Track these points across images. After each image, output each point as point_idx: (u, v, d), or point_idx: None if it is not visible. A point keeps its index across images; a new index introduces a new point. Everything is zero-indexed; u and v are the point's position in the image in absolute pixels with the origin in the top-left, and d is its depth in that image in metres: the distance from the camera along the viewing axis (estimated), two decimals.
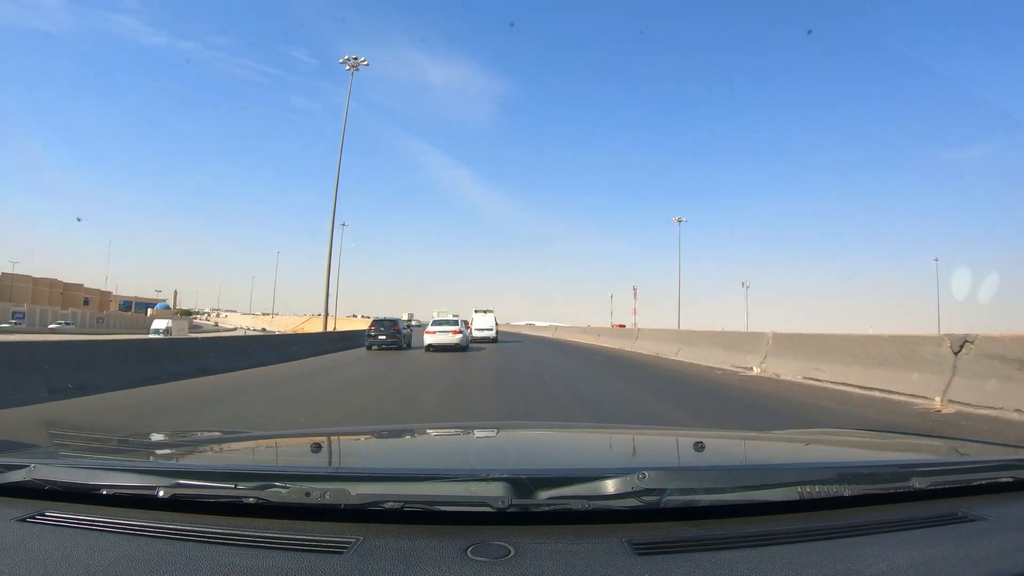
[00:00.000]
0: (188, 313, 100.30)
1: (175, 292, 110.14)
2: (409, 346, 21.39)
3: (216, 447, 1.79)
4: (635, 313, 63.92)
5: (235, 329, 70.63)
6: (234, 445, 1.80)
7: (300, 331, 28.96)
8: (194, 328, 65.29)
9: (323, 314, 26.27)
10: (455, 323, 20.55)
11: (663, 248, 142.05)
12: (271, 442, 1.91)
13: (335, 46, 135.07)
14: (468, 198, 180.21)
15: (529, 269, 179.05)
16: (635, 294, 66.66)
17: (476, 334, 26.05)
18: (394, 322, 21.15)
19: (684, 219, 54.36)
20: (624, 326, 59.19)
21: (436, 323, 20.86)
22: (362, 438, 2.10)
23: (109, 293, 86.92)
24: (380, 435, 2.24)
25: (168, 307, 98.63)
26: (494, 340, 26.38)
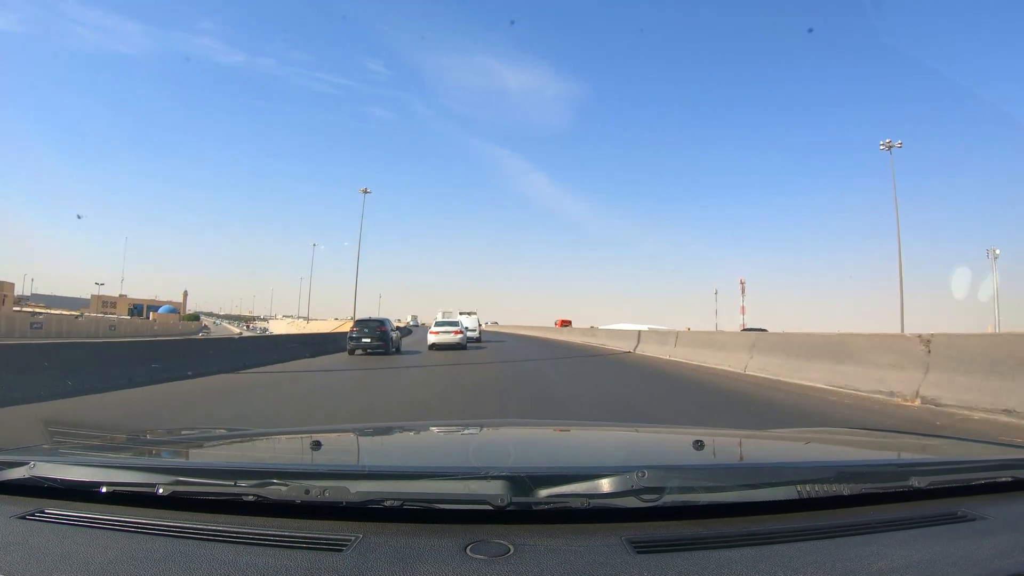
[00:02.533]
0: (196, 317, 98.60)
1: (184, 293, 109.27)
2: (399, 351, 19.01)
3: (216, 444, 1.79)
4: (743, 312, 53.26)
5: (239, 333, 69.49)
6: (234, 442, 1.80)
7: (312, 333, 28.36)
8: (198, 332, 64.03)
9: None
10: (456, 324, 21.74)
11: (763, 246, 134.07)
12: (271, 439, 1.91)
13: (410, 57, 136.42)
14: (544, 201, 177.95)
15: (616, 271, 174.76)
16: (743, 289, 55.05)
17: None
18: (380, 323, 18.57)
19: (899, 143, 31.58)
20: (570, 322, 53.15)
21: (439, 324, 21.79)
22: (362, 436, 2.10)
23: (9, 285, 62.81)
24: (379, 432, 2.24)
25: (176, 311, 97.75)
26: (477, 340, 27.87)
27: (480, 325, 30.69)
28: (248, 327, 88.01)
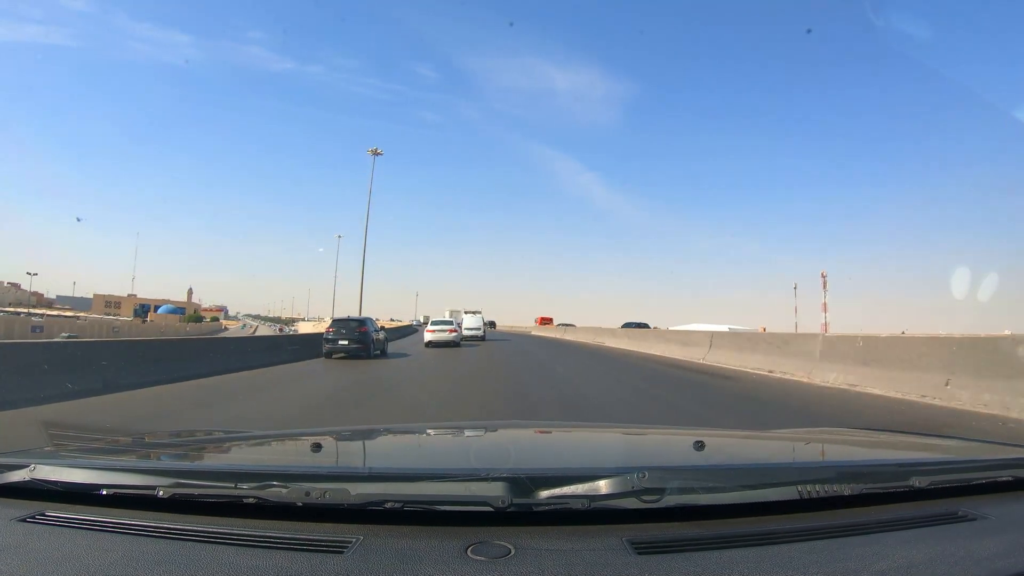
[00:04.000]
0: (198, 319, 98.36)
1: (190, 290, 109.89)
2: (384, 353, 16.86)
3: (216, 447, 1.79)
4: (825, 310, 45.63)
5: (252, 332, 68.26)
6: (234, 445, 1.80)
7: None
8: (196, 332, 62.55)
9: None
10: (451, 323, 23.29)
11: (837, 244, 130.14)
12: (271, 442, 1.91)
13: (458, 60, 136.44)
14: (596, 202, 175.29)
15: (675, 271, 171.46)
16: (824, 284, 46.42)
17: (466, 332, 28.76)
18: (361, 323, 16.43)
19: None
20: (551, 320, 51.78)
21: (435, 323, 23.38)
22: (362, 438, 2.10)
23: None
24: (380, 435, 2.24)
25: (183, 310, 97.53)
26: (482, 338, 28.95)
27: (483, 324, 31.63)
28: (281, 329, 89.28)
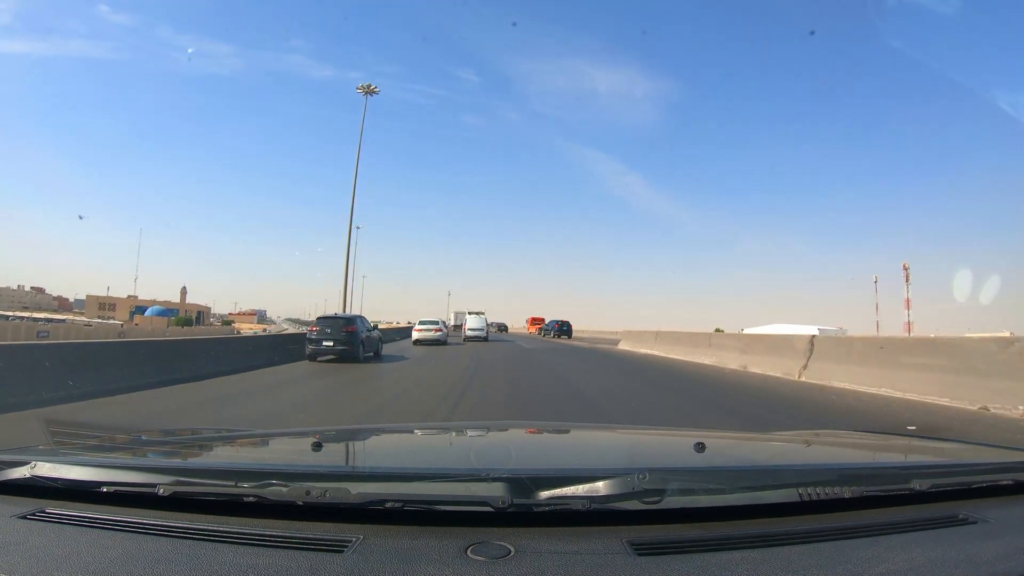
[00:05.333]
0: (188, 322, 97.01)
1: (183, 289, 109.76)
2: (378, 356, 15.33)
3: (217, 445, 1.79)
4: (908, 306, 41.87)
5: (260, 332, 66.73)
6: (235, 443, 1.81)
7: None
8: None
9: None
10: (436, 323, 24.42)
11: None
12: (272, 440, 1.91)
13: (500, 62, 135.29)
14: (638, 203, 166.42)
15: (716, 272, 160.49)
16: (907, 277, 42.29)
17: (469, 333, 29.11)
18: (349, 321, 14.43)
19: None
20: (543, 320, 45.30)
21: (422, 323, 24.45)
22: (363, 437, 2.10)
23: None
24: (381, 434, 2.24)
25: (175, 311, 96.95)
26: (484, 339, 29.05)
27: (487, 325, 31.66)
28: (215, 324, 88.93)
